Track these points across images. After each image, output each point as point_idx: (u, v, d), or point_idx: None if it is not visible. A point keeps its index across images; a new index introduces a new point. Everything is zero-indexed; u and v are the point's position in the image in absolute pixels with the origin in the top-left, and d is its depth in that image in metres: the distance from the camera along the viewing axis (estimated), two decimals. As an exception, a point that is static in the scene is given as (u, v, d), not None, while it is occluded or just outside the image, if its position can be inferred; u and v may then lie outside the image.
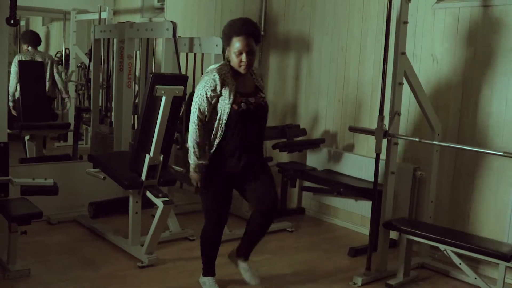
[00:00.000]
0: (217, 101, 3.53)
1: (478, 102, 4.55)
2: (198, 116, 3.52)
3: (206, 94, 3.50)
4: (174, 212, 4.99)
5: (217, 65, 3.63)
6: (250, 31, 3.56)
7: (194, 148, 3.53)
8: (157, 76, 4.13)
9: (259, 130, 3.73)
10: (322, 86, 5.86)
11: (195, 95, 3.55)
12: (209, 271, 3.90)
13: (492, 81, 4.47)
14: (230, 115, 3.51)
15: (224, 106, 3.51)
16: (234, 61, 3.55)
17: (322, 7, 5.80)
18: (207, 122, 3.56)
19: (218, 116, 3.53)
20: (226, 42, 3.60)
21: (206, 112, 3.52)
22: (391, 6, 4.09)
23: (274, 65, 6.37)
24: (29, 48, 7.10)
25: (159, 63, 6.44)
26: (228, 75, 3.55)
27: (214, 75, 3.52)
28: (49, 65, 7.26)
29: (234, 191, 3.78)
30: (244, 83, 3.63)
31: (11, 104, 6.50)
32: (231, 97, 3.51)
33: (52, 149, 7.82)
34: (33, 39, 7.25)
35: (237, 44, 3.52)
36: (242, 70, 3.56)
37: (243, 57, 3.52)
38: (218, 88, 3.50)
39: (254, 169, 3.69)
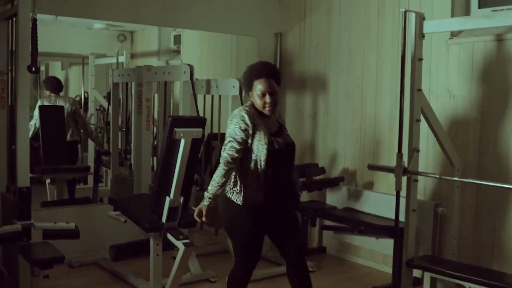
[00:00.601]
0: (249, 142, 3.51)
1: (497, 136, 4.53)
2: (231, 156, 3.46)
3: (238, 135, 3.47)
4: (195, 254, 4.98)
5: (243, 108, 3.63)
6: (270, 72, 3.61)
7: (218, 184, 3.46)
8: (175, 119, 4.16)
9: (290, 168, 3.73)
10: (339, 124, 5.87)
11: (227, 136, 3.53)
12: None
13: (510, 115, 4.45)
14: (265, 155, 3.50)
15: (259, 146, 3.50)
16: (258, 103, 3.58)
17: (337, 44, 5.85)
18: (239, 163, 3.52)
19: (253, 157, 3.50)
20: (248, 87, 3.63)
21: (238, 154, 3.47)
22: (405, 43, 4.12)
23: (291, 104, 6.40)
24: (51, 94, 7.18)
25: (177, 105, 6.51)
26: (256, 116, 3.56)
27: (243, 116, 3.52)
28: (71, 109, 7.27)
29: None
30: (269, 124, 3.64)
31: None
32: (264, 137, 3.52)
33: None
34: (54, 85, 7.31)
35: (259, 86, 3.55)
36: (267, 111, 3.58)
37: (267, 98, 3.54)
38: (250, 129, 3.49)
39: (285, 211, 3.69)
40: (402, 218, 4.27)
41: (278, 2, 6.41)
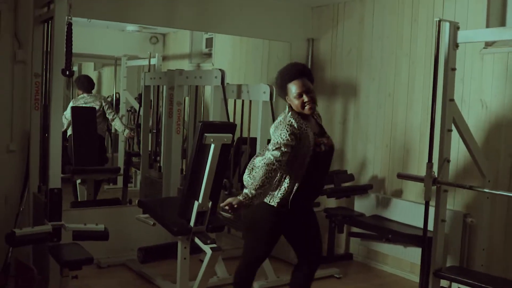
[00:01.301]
0: (297, 146, 3.47)
1: (529, 148, 4.48)
2: (276, 158, 3.38)
3: (285, 139, 3.42)
4: (222, 257, 5.00)
5: (286, 113, 3.57)
6: (302, 71, 3.60)
7: (258, 184, 3.38)
8: (206, 124, 4.18)
9: (327, 171, 3.76)
10: (369, 131, 5.85)
11: (273, 141, 3.47)
12: None
13: (544, 127, 4.40)
14: (312, 157, 3.48)
15: (306, 149, 3.47)
16: (296, 104, 3.54)
17: (369, 52, 5.84)
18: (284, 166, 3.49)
19: (300, 160, 3.47)
20: (283, 92, 3.61)
21: (283, 157, 3.41)
22: (438, 52, 4.09)
23: (321, 110, 6.32)
24: (84, 93, 7.28)
25: (207, 109, 6.54)
26: (300, 119, 3.53)
27: (290, 121, 3.48)
28: (102, 107, 7.38)
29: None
30: (312, 125, 3.61)
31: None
32: (311, 139, 3.49)
33: (102, 192, 7.95)
34: (86, 85, 7.43)
35: (293, 88, 3.54)
36: (307, 110, 3.54)
37: (305, 97, 3.52)
38: (297, 132, 3.46)
39: (311, 213, 3.73)
40: (430, 227, 4.24)
41: (310, 8, 6.41)
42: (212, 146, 4.09)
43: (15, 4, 4.87)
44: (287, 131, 3.43)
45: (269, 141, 3.70)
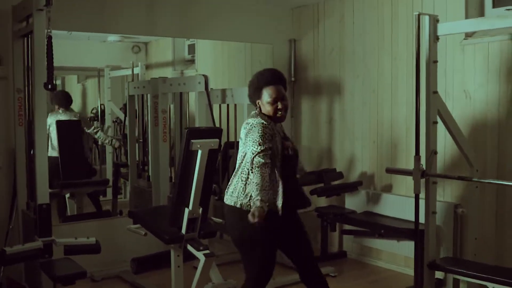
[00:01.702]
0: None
1: (515, 136, 4.51)
2: (266, 160, 3.36)
3: (265, 140, 3.40)
4: (216, 263, 4.99)
5: (255, 117, 3.55)
6: (278, 77, 3.61)
7: (265, 187, 3.32)
8: (192, 130, 4.17)
9: (295, 175, 3.74)
10: (356, 128, 5.86)
11: (253, 143, 3.42)
12: None
13: (528, 114, 4.43)
14: (282, 161, 3.49)
15: (276, 151, 3.47)
16: (268, 110, 3.54)
17: (351, 50, 5.85)
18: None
19: (272, 163, 3.43)
20: (256, 95, 3.60)
21: (269, 151, 3.39)
22: (419, 46, 4.11)
23: (306, 110, 6.40)
24: (60, 109, 7.11)
25: (193, 115, 6.52)
26: (270, 121, 3.54)
27: (263, 123, 3.47)
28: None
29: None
30: (278, 130, 3.62)
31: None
32: (280, 143, 3.52)
33: (91, 205, 7.90)
34: (63, 100, 7.17)
35: (269, 93, 3.54)
36: (279, 116, 3.55)
37: (279, 104, 3.53)
38: (270, 133, 3.45)
39: (295, 216, 3.70)
40: (422, 220, 4.25)
41: (290, 9, 6.42)
42: (199, 152, 4.08)
43: (-7, 20, 4.84)
44: (264, 133, 3.43)
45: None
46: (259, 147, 3.39)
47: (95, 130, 7.40)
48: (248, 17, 6.11)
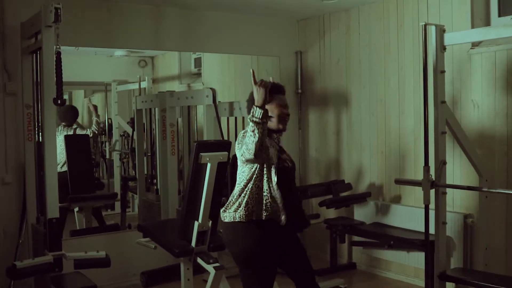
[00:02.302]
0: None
1: (524, 145, 4.50)
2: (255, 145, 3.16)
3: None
4: (225, 276, 4.97)
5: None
6: (278, 89, 3.51)
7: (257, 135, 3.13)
8: (201, 144, 4.18)
9: (295, 187, 3.64)
10: (363, 139, 5.86)
11: (238, 145, 3.39)
12: None
13: (536, 123, 4.42)
14: (278, 175, 3.35)
15: (270, 165, 3.35)
16: (274, 122, 3.43)
17: (357, 60, 5.87)
18: (257, 183, 3.36)
19: (266, 178, 3.35)
20: None
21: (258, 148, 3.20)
22: (426, 56, 4.11)
23: (314, 121, 6.41)
24: (64, 125, 7.08)
25: (201, 128, 6.54)
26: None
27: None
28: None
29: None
30: (271, 142, 3.45)
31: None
32: (275, 155, 3.39)
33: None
34: (68, 117, 7.13)
35: (273, 102, 3.42)
36: (282, 125, 3.47)
37: (283, 111, 3.46)
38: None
39: (293, 233, 3.57)
40: (432, 231, 4.24)
41: (296, 21, 6.45)
42: (209, 165, 4.08)
43: (2, 36, 4.87)
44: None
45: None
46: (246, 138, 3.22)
47: (86, 131, 7.40)
48: (254, 30, 6.15)
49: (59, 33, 4.02)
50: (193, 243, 4.26)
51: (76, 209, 6.72)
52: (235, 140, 5.86)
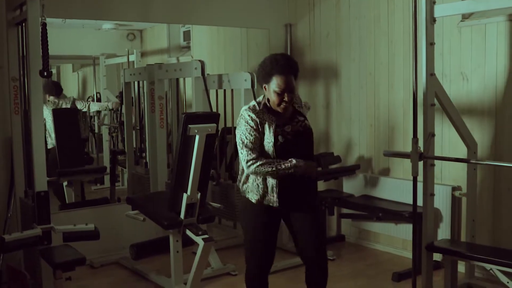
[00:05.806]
0: (262, 139, 3.35)
1: (512, 117, 4.51)
2: (253, 162, 3.30)
3: (249, 137, 3.30)
4: (215, 248, 5.00)
5: (250, 105, 3.45)
6: (292, 67, 3.38)
7: (278, 172, 3.29)
8: (189, 115, 4.17)
9: (306, 157, 3.45)
10: (353, 112, 5.86)
11: (238, 142, 3.36)
12: None
13: (525, 95, 4.42)
14: (274, 151, 3.33)
15: (268, 144, 3.34)
16: (273, 99, 3.36)
17: (347, 33, 5.83)
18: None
19: (266, 154, 3.35)
20: (265, 80, 3.37)
21: (256, 153, 3.31)
22: (416, 28, 4.09)
23: (303, 95, 6.37)
24: (51, 98, 7.17)
25: (189, 101, 6.52)
26: (262, 112, 3.38)
27: (247, 117, 3.35)
28: (72, 105, 7.41)
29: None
30: (278, 115, 3.42)
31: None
32: (271, 133, 3.34)
33: (90, 192, 7.90)
34: (54, 88, 7.25)
35: (279, 82, 3.31)
36: (281, 109, 3.37)
37: (286, 96, 3.34)
38: (255, 128, 3.32)
39: (303, 207, 3.50)
40: (420, 203, 4.26)
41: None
42: (197, 137, 4.08)
43: (-14, 9, 4.81)
44: (247, 128, 3.32)
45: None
46: (247, 156, 3.31)
47: (88, 104, 7.49)
48: (244, 2, 6.08)
49: (44, 4, 3.98)
50: (182, 215, 4.28)
51: (65, 183, 6.70)
52: (224, 113, 5.88)
